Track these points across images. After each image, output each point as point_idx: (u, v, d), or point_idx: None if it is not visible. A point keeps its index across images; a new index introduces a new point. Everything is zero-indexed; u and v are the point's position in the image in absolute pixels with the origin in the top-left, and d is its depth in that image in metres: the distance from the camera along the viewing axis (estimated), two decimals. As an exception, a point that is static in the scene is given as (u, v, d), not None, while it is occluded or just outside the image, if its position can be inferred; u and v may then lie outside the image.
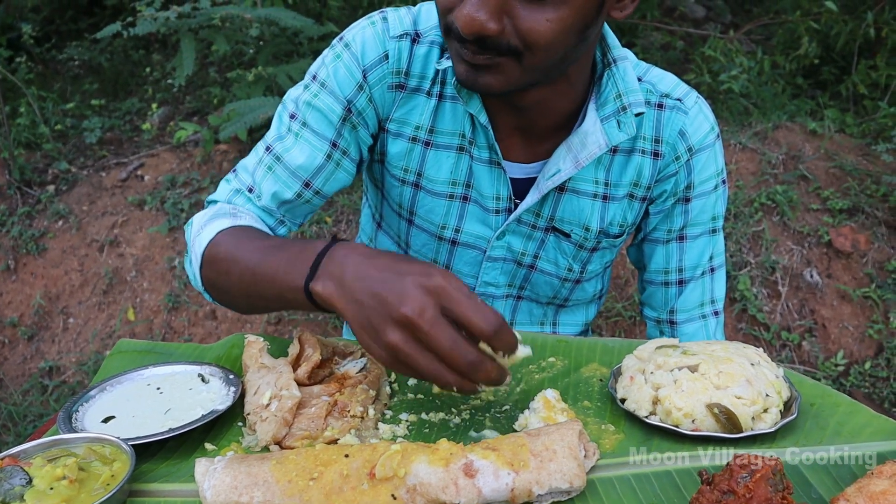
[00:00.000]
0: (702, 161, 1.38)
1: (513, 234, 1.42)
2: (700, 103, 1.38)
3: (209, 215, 1.30)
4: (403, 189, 1.42)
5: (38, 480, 0.89)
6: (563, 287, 1.50)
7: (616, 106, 1.29)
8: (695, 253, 1.45)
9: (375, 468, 0.87)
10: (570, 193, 1.37)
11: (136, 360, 1.27)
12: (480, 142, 1.34)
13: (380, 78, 1.33)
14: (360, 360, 1.19)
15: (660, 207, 1.42)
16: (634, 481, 0.92)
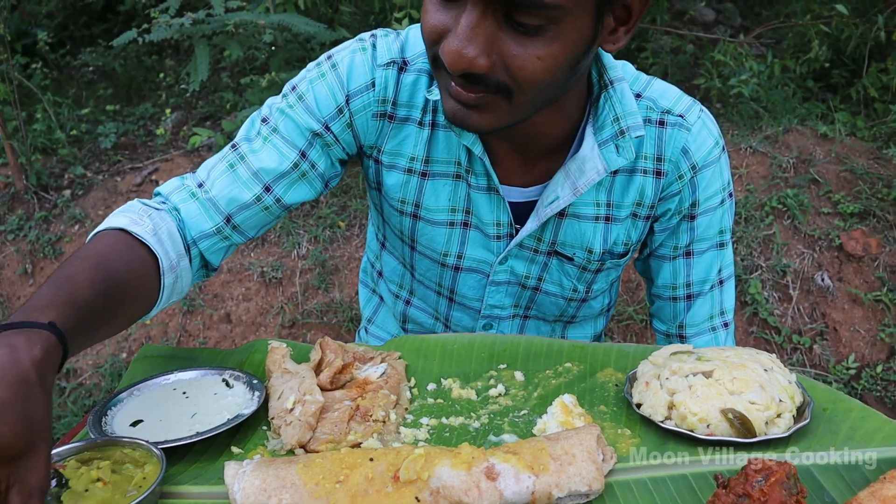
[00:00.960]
0: (706, 178, 1.34)
1: (515, 258, 1.40)
2: (703, 117, 1.34)
3: (124, 209, 1.24)
4: (403, 219, 1.41)
5: (74, 482, 0.92)
6: (570, 306, 1.50)
7: (614, 130, 1.26)
8: (702, 268, 1.43)
9: (399, 471, 0.90)
10: (571, 218, 1.35)
11: (160, 364, 1.30)
12: (478, 169, 1.32)
13: (364, 105, 1.30)
14: (381, 365, 1.22)
15: (665, 225, 1.40)
16: (651, 484, 0.94)
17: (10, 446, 0.75)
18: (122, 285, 1.09)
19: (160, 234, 1.20)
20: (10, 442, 0.75)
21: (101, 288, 1.03)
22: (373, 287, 1.77)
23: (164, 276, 1.19)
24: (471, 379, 1.22)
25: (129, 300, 1.12)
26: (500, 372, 1.23)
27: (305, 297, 3.37)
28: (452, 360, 1.27)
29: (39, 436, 0.78)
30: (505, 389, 1.18)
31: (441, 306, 1.54)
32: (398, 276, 1.60)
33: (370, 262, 1.74)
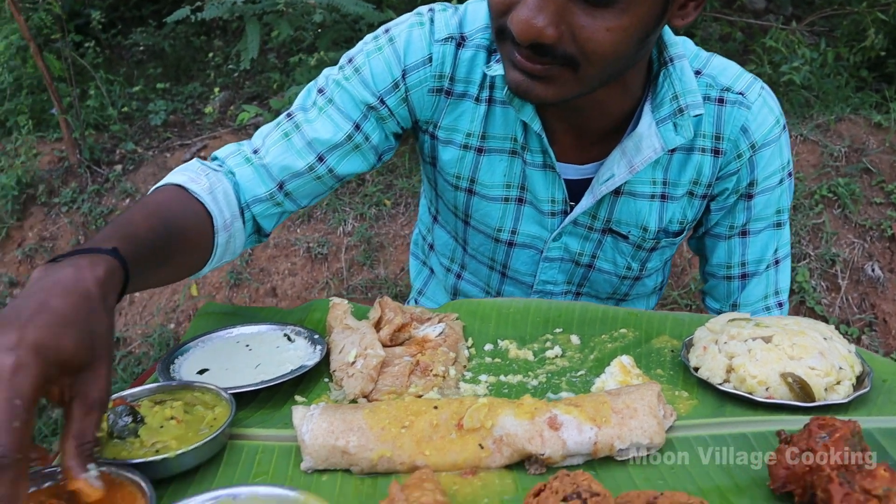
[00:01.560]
0: (766, 157, 1.33)
1: (569, 235, 1.41)
2: (764, 95, 1.32)
3: (184, 168, 1.26)
4: (457, 194, 1.42)
5: (150, 419, 0.96)
6: (623, 284, 1.50)
7: (672, 108, 1.25)
8: (758, 247, 1.42)
9: (463, 419, 0.92)
10: (627, 196, 1.35)
11: (221, 321, 1.33)
12: (533, 146, 1.32)
13: (420, 80, 1.31)
14: (439, 325, 1.24)
15: (721, 204, 1.39)
16: (711, 441, 0.95)
17: (72, 357, 0.77)
18: (177, 232, 1.11)
19: (216, 193, 1.23)
20: (72, 353, 0.76)
21: (158, 231, 1.06)
22: (423, 259, 1.79)
23: (218, 233, 1.22)
24: (527, 341, 1.24)
25: (184, 248, 1.15)
26: (556, 336, 1.25)
27: (350, 272, 3.41)
28: (508, 324, 1.28)
29: (100, 351, 0.80)
30: (561, 351, 1.20)
31: (493, 281, 1.55)
32: (450, 249, 1.61)
33: (422, 234, 1.76)
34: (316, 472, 0.92)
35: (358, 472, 0.91)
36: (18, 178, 4.04)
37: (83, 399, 0.78)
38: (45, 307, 0.78)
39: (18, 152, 4.27)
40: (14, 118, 4.49)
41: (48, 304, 0.78)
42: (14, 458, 0.69)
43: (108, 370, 0.81)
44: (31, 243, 3.95)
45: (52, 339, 0.75)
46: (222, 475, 0.93)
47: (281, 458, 0.95)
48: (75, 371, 0.78)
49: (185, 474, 0.92)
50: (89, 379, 0.79)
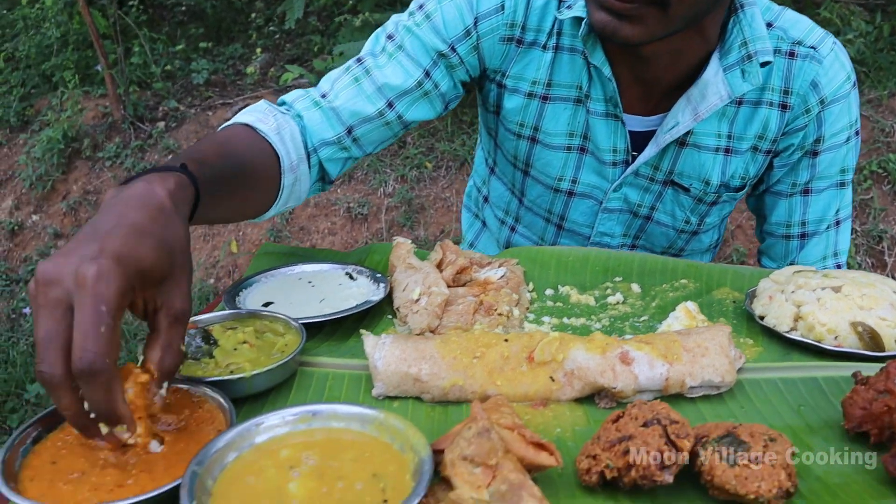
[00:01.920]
0: (834, 113, 1.31)
1: (630, 186, 1.40)
2: (836, 50, 1.31)
3: (252, 108, 1.25)
4: (519, 142, 1.42)
5: (223, 342, 0.98)
6: (680, 238, 1.49)
7: (741, 54, 1.23)
8: (820, 206, 1.40)
9: (534, 352, 0.92)
10: (692, 148, 1.34)
11: (281, 259, 1.35)
12: (596, 94, 1.32)
13: (492, 28, 1.30)
14: (500, 268, 1.24)
15: (785, 161, 1.37)
16: (781, 384, 0.95)
17: (152, 267, 0.77)
18: (245, 166, 1.11)
19: (283, 134, 1.23)
20: (152, 262, 0.77)
21: (226, 161, 1.06)
22: (476, 212, 1.79)
23: (284, 174, 1.22)
24: (587, 288, 1.24)
25: (251, 184, 1.15)
26: (616, 284, 1.25)
27: (390, 233, 3.43)
28: (567, 271, 1.29)
29: (179, 262, 0.81)
30: (623, 298, 1.20)
31: (548, 233, 1.55)
32: (505, 202, 1.61)
33: (476, 187, 1.76)
34: (387, 399, 0.94)
35: (429, 399, 0.93)
36: (64, 132, 4.10)
37: (167, 309, 0.79)
38: (122, 220, 0.78)
39: (64, 107, 4.33)
40: (60, 73, 4.54)
41: (124, 217, 0.79)
42: (104, 363, 0.70)
43: (189, 281, 0.82)
44: (75, 196, 4.02)
45: (132, 248, 0.75)
46: (294, 398, 0.95)
47: (352, 384, 0.97)
48: (157, 282, 0.79)
49: (258, 396, 0.94)
50: (171, 290, 0.80)
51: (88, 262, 0.72)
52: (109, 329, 0.71)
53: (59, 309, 0.71)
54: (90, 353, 0.69)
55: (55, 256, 0.74)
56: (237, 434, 0.78)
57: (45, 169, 4.08)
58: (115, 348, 0.72)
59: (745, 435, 0.74)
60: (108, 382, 0.71)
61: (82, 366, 0.69)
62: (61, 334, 0.71)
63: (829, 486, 0.76)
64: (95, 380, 0.70)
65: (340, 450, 0.77)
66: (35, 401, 3.08)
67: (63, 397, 0.71)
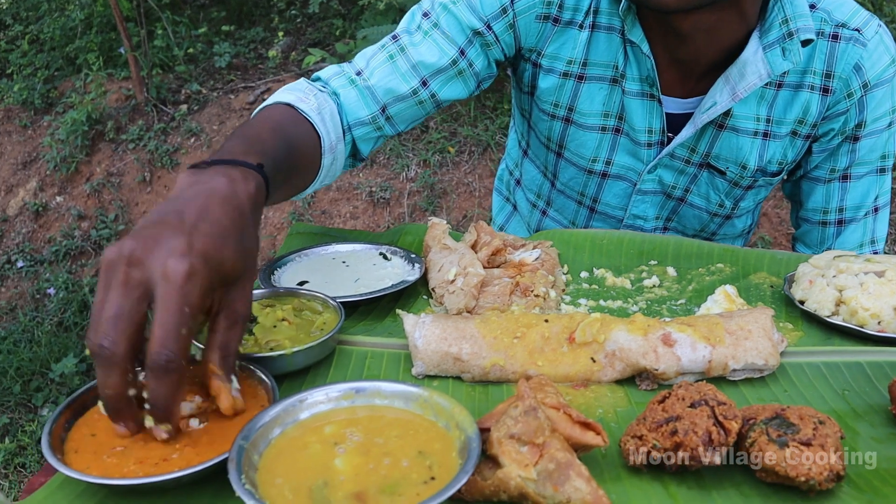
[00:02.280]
0: (877, 98, 1.29)
1: (665, 168, 1.39)
2: (882, 33, 1.28)
3: (292, 87, 1.26)
4: (553, 123, 1.41)
5: (263, 319, 0.98)
6: (713, 222, 1.48)
7: (781, 32, 1.21)
8: (858, 193, 1.38)
9: (575, 333, 0.92)
10: (730, 131, 1.32)
11: (312, 239, 1.35)
12: (632, 74, 1.31)
13: (528, 6, 1.29)
14: (535, 250, 1.24)
15: (825, 146, 1.35)
16: (825, 368, 0.94)
17: (231, 270, 0.77)
18: (296, 151, 1.12)
19: (324, 114, 1.22)
20: (231, 266, 0.77)
21: (283, 149, 1.06)
22: (507, 195, 1.78)
23: (325, 154, 1.22)
24: (622, 271, 1.23)
25: (299, 167, 1.15)
26: (651, 267, 1.24)
27: (413, 218, 3.42)
28: (602, 254, 1.28)
29: (250, 265, 0.82)
30: (659, 281, 1.19)
31: (580, 216, 1.54)
32: (537, 185, 1.60)
33: (508, 169, 1.76)
34: (427, 378, 0.94)
35: (469, 379, 0.92)
36: (88, 114, 4.12)
37: (229, 312, 0.79)
38: (207, 216, 0.77)
39: (88, 89, 4.35)
40: (84, 56, 4.56)
41: (209, 213, 0.78)
42: (180, 364, 0.71)
43: (252, 286, 0.83)
44: (98, 178, 4.04)
45: (218, 249, 0.75)
46: (333, 376, 0.95)
47: (390, 363, 0.97)
48: (229, 284, 0.79)
49: (297, 373, 0.95)
50: (237, 292, 0.80)
51: (178, 257, 0.72)
52: (189, 331, 0.71)
53: (138, 291, 0.71)
54: (170, 352, 0.70)
55: (141, 236, 0.73)
56: (282, 410, 0.78)
57: (68, 151, 4.11)
58: (189, 348, 0.73)
59: (794, 417, 0.73)
60: (178, 383, 0.72)
61: (160, 362, 0.70)
62: (133, 317, 0.71)
63: (877, 470, 0.76)
64: (168, 377, 0.71)
65: (385, 427, 0.77)
66: (59, 380, 3.12)
67: (112, 376, 0.71)
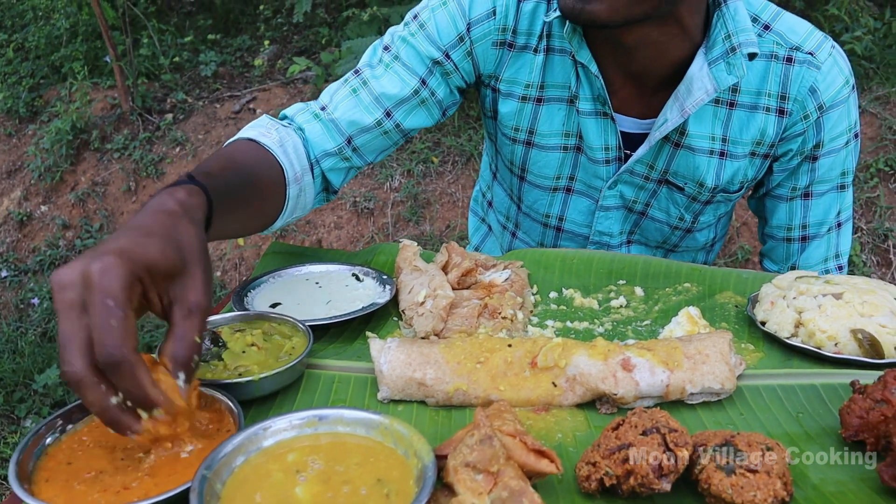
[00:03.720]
0: (833, 118, 1.32)
1: (625, 184, 1.41)
2: (835, 55, 1.31)
3: (254, 124, 1.29)
4: (515, 147, 1.44)
5: (232, 345, 0.99)
6: (673, 234, 1.50)
7: (725, 47, 1.23)
8: (820, 210, 1.41)
9: (537, 358, 0.94)
10: (685, 149, 1.34)
11: (288, 259, 1.37)
12: (584, 94, 1.33)
13: (484, 33, 1.33)
14: (505, 271, 1.26)
15: (785, 166, 1.38)
16: (780, 391, 0.96)
17: (159, 261, 0.79)
18: (252, 178, 1.14)
19: (286, 146, 1.25)
20: (158, 257, 0.79)
21: (233, 174, 1.09)
22: (483, 216, 1.81)
23: (290, 185, 1.24)
24: (591, 291, 1.25)
25: (258, 194, 1.17)
26: (620, 287, 1.26)
27: (396, 228, 3.44)
28: (572, 273, 1.30)
29: (191, 258, 0.83)
30: (626, 302, 1.21)
31: (547, 238, 1.57)
32: (505, 207, 1.63)
33: (482, 191, 1.78)
34: (392, 403, 0.96)
35: (433, 403, 0.94)
36: (73, 123, 4.12)
37: (181, 303, 0.81)
38: (130, 226, 0.83)
39: (73, 98, 4.35)
40: (69, 64, 4.56)
41: (132, 223, 0.83)
42: (122, 353, 0.72)
43: (206, 276, 0.84)
44: (83, 187, 4.04)
45: (136, 244, 0.78)
46: (301, 401, 0.97)
47: (357, 387, 0.99)
48: (168, 277, 0.81)
49: (266, 398, 0.96)
50: (185, 284, 0.82)
51: (93, 260, 0.75)
52: (120, 320, 0.73)
53: (74, 310, 0.74)
54: (107, 346, 0.72)
55: (69, 263, 0.77)
56: (245, 438, 0.80)
57: (53, 160, 4.10)
58: (132, 337, 0.74)
59: (742, 443, 0.75)
60: (132, 369, 0.74)
61: (104, 360, 0.72)
62: (77, 334, 0.73)
63: (824, 494, 0.78)
64: (119, 369, 0.73)
65: (346, 454, 0.79)
66: (43, 391, 3.11)
67: (88, 394, 0.74)
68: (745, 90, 1.31)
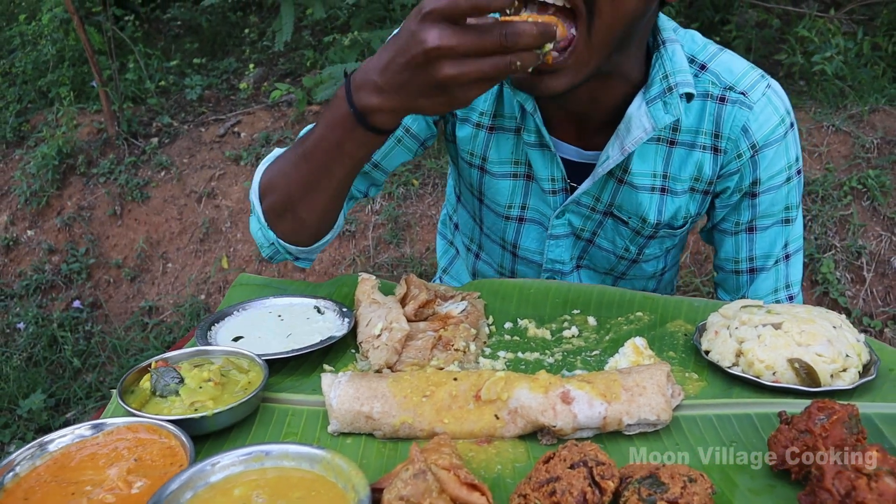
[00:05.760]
0: (769, 157, 1.34)
1: (572, 213, 1.45)
2: (769, 94, 1.33)
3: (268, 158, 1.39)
4: (471, 171, 1.49)
5: (189, 380, 1.03)
6: (620, 263, 1.53)
7: (662, 87, 1.27)
8: (766, 243, 1.44)
9: (481, 391, 0.97)
10: (628, 186, 1.38)
11: (255, 291, 1.40)
12: (529, 126, 1.37)
13: None
14: (462, 302, 1.29)
15: (725, 202, 1.41)
16: (716, 421, 1.00)
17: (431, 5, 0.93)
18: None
19: None
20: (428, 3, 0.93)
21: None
22: (450, 239, 1.84)
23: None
24: (545, 321, 1.29)
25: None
26: (574, 317, 1.30)
27: (377, 250, 3.48)
28: (528, 304, 1.34)
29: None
30: (578, 332, 1.25)
31: (506, 261, 1.61)
32: (469, 229, 1.67)
33: (448, 214, 1.82)
34: (342, 435, 0.99)
35: (380, 436, 0.98)
36: (59, 148, 4.16)
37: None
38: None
39: (59, 123, 4.39)
40: (56, 90, 4.60)
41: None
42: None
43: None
44: (69, 212, 4.07)
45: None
46: (255, 434, 1.00)
47: (310, 420, 1.02)
48: None
49: (221, 432, 0.99)
50: None
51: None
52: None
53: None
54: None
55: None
56: (194, 473, 0.83)
57: (39, 184, 4.13)
58: None
59: (665, 476, 0.79)
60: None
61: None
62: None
63: (748, 522, 0.81)
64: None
65: (289, 488, 0.82)
66: (27, 416, 3.13)
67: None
68: (684, 129, 1.35)
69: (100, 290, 3.88)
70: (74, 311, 3.76)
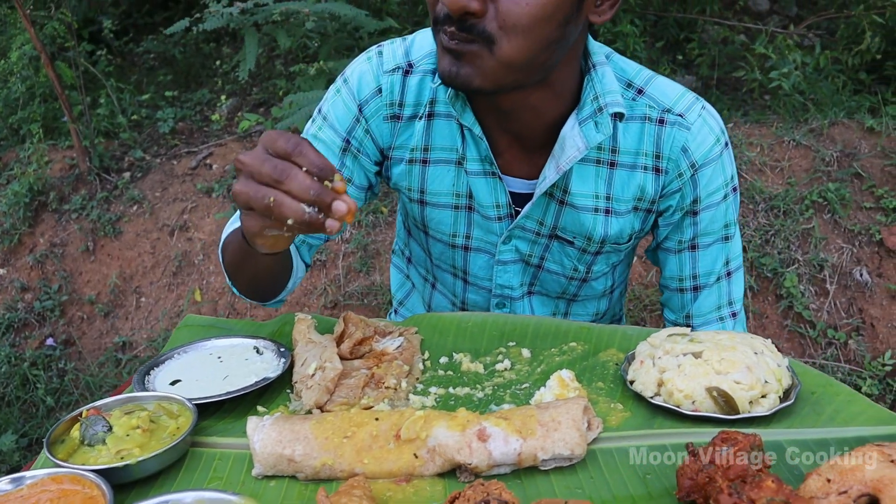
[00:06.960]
0: (707, 175, 1.40)
1: (518, 239, 1.49)
2: (704, 116, 1.39)
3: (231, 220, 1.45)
4: (412, 206, 1.53)
5: (118, 428, 1.04)
6: (571, 285, 1.57)
7: (593, 108, 1.32)
8: (708, 260, 1.48)
9: (401, 430, 0.99)
10: (570, 207, 1.42)
11: (200, 332, 1.42)
12: (472, 155, 1.41)
13: (375, 111, 1.43)
14: (398, 338, 1.32)
15: (668, 220, 1.46)
16: (633, 452, 1.02)
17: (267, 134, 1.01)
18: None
19: None
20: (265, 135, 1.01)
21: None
22: (406, 273, 1.87)
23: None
24: (481, 354, 1.31)
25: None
26: (509, 349, 1.32)
27: (347, 279, 3.50)
28: (466, 337, 1.36)
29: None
30: (511, 364, 1.27)
31: (458, 288, 1.63)
32: (423, 260, 1.70)
33: (400, 248, 1.85)
34: (266, 478, 1.01)
35: (303, 478, 0.99)
36: (30, 185, 4.16)
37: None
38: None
39: (30, 160, 4.40)
40: (27, 127, 4.61)
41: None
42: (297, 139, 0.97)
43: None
44: (42, 249, 4.07)
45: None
46: (182, 480, 1.01)
47: (236, 464, 1.04)
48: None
49: (148, 479, 1.01)
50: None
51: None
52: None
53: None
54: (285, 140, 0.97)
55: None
56: (109, 526, 0.85)
57: (11, 223, 4.14)
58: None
59: (567, 513, 0.81)
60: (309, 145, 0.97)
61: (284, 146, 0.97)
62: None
63: (651, 554, 0.83)
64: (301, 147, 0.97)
65: (203, 538, 0.84)
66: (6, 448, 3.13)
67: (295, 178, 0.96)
68: (623, 151, 1.39)
69: (73, 327, 3.87)
70: (48, 348, 3.76)
